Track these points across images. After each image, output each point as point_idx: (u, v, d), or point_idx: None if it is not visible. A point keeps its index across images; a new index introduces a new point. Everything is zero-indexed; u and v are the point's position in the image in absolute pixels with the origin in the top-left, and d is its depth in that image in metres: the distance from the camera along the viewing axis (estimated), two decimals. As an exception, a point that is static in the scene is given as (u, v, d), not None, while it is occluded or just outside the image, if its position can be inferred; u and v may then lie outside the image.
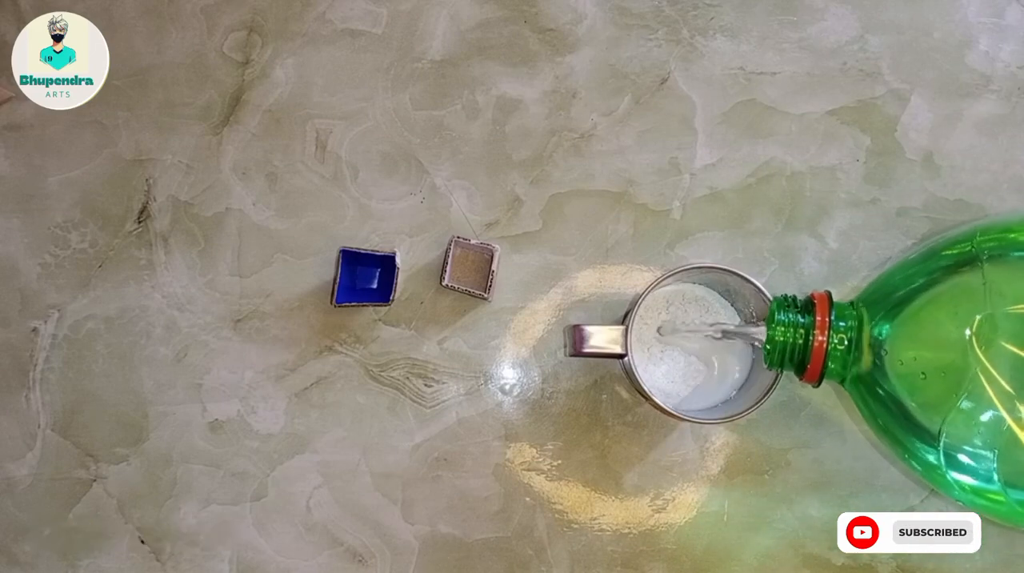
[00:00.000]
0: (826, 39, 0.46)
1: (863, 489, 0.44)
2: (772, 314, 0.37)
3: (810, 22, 0.46)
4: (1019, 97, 0.46)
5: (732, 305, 0.43)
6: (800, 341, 0.36)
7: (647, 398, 0.40)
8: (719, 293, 0.43)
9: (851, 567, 0.43)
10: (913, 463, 0.36)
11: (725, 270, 0.40)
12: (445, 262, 0.43)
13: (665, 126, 0.46)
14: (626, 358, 0.40)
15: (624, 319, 0.42)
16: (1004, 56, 0.46)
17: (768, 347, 0.37)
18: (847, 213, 0.45)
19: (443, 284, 0.43)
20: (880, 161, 0.45)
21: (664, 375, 0.43)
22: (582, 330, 0.40)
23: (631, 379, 0.42)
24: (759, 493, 0.44)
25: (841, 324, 0.36)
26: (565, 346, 0.40)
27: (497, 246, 0.43)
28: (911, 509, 0.43)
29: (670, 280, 0.41)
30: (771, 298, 0.38)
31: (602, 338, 0.40)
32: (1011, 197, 0.45)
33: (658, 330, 0.43)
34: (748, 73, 0.46)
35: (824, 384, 0.37)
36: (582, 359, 0.44)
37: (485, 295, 0.43)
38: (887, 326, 0.35)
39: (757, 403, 0.39)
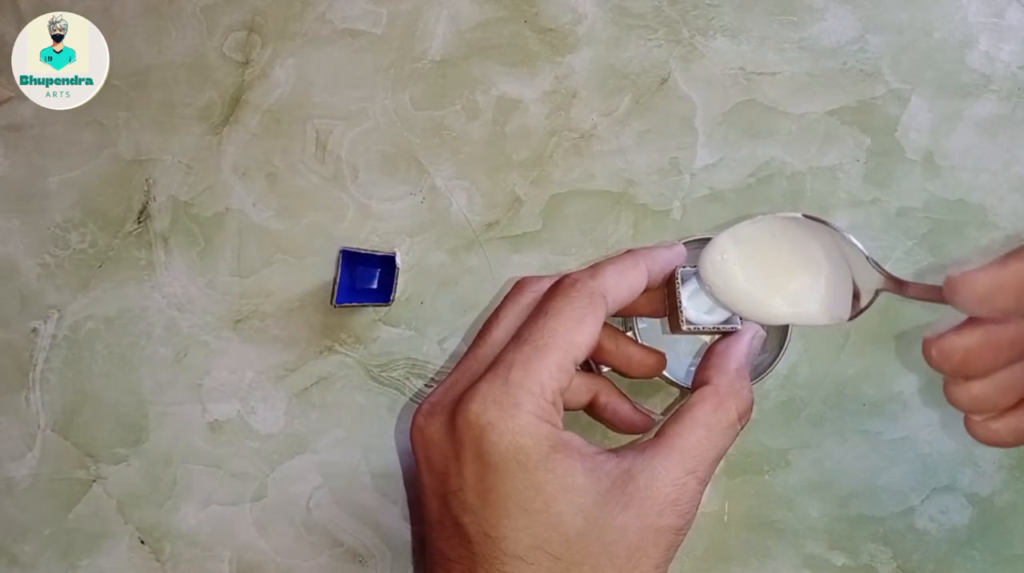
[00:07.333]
0: (826, 39, 0.46)
1: (863, 489, 0.44)
2: None
3: (810, 22, 0.46)
4: (1019, 97, 0.46)
5: None
6: None
7: (670, 382, 0.40)
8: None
9: (851, 567, 0.43)
10: None
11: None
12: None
13: (665, 126, 0.46)
14: None
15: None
16: (1004, 56, 0.46)
17: None
18: (847, 213, 0.45)
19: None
20: (880, 161, 0.45)
21: (677, 357, 0.43)
22: None
23: None
24: (759, 493, 0.44)
25: None
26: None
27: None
28: (911, 509, 0.43)
29: None
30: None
31: None
32: (1011, 197, 0.45)
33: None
34: (748, 73, 0.46)
35: (824, 383, 0.37)
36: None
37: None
38: None
39: (775, 360, 0.40)
